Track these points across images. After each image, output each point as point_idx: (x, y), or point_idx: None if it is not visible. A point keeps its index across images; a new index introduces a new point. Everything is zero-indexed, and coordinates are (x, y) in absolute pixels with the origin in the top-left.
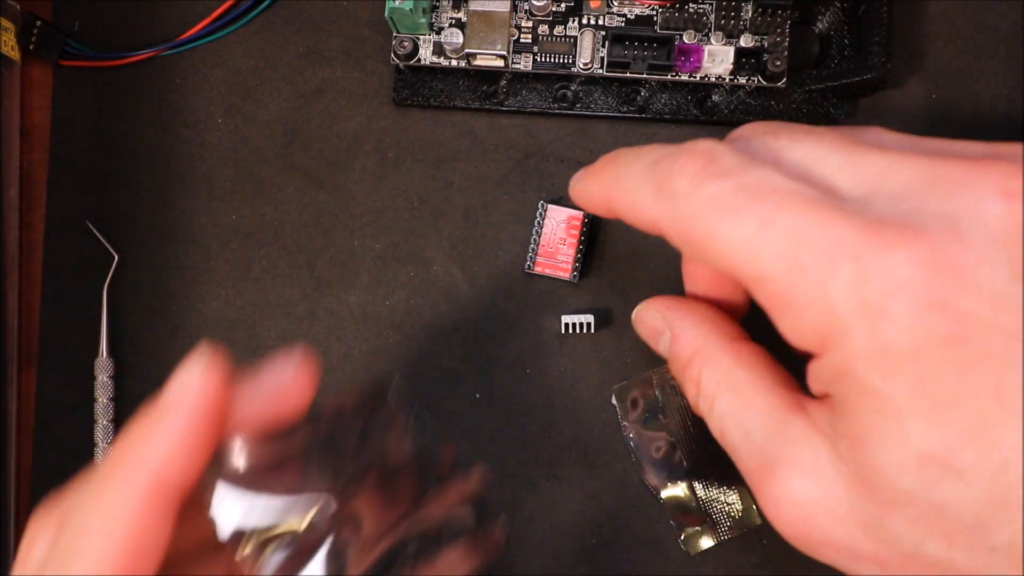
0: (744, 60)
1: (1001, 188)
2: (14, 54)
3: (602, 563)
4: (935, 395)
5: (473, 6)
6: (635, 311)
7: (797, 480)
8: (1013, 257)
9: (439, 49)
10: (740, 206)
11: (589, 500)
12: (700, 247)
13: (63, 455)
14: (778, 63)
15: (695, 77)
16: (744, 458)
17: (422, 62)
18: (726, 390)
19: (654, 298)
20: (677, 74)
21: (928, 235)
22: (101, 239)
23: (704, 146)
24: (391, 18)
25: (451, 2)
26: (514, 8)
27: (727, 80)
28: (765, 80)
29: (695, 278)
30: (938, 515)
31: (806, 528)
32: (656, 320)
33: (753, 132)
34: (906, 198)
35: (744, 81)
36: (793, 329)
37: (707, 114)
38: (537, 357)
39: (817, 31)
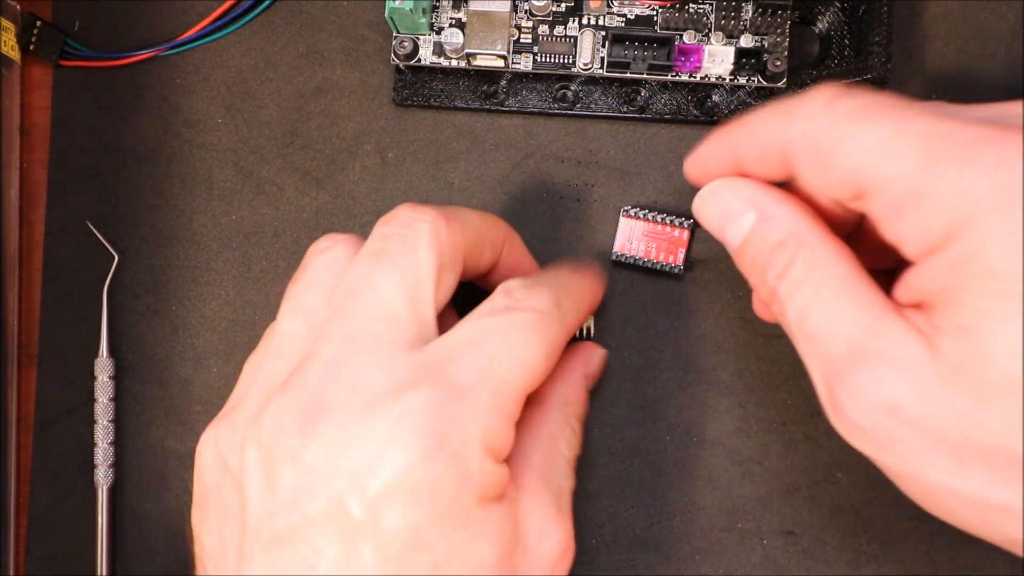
0: (744, 60)
1: None
2: (14, 54)
3: (602, 563)
4: None
5: (473, 6)
6: (704, 191)
7: (890, 373)
8: None
9: (439, 49)
10: (877, 113)
11: (589, 500)
12: (831, 156)
13: (63, 455)
14: (778, 63)
15: (695, 77)
16: (823, 347)
17: (422, 62)
18: (819, 279)
19: (730, 179)
20: (677, 74)
21: None
22: (101, 239)
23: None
24: (391, 18)
25: (451, 2)
26: (514, 8)
27: (727, 80)
28: (765, 80)
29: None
30: None
31: (885, 422)
32: (735, 202)
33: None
34: None
35: (744, 81)
36: (916, 227)
37: (707, 114)
38: None
39: (817, 31)
